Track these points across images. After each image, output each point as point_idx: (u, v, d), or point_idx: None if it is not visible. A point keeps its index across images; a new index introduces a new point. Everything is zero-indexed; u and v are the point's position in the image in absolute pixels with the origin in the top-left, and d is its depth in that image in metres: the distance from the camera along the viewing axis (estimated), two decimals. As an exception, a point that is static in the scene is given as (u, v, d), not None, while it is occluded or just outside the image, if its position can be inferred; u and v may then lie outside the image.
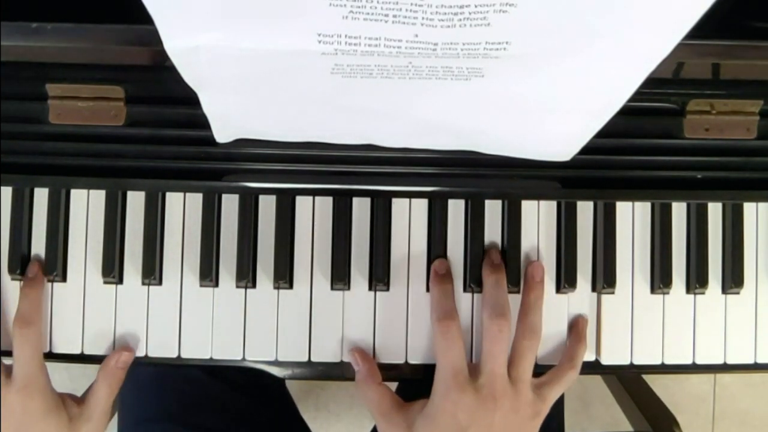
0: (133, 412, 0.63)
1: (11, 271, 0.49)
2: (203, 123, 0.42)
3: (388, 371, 0.49)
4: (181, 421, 0.60)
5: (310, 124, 0.44)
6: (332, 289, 0.50)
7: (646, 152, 0.49)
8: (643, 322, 0.51)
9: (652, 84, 0.33)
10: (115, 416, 0.65)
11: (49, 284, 0.50)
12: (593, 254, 0.51)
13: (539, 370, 0.49)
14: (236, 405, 0.62)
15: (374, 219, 0.50)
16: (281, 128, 0.45)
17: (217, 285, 0.50)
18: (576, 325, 0.50)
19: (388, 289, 0.50)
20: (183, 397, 0.61)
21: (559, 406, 0.68)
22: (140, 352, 0.50)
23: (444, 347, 0.46)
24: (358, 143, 0.46)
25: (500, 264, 0.49)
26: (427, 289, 0.50)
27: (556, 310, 0.50)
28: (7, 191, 0.50)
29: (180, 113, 0.47)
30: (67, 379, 1.11)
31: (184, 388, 0.61)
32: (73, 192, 0.50)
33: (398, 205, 0.51)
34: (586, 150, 0.43)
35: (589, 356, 0.50)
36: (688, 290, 0.51)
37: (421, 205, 0.51)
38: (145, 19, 0.30)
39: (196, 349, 0.50)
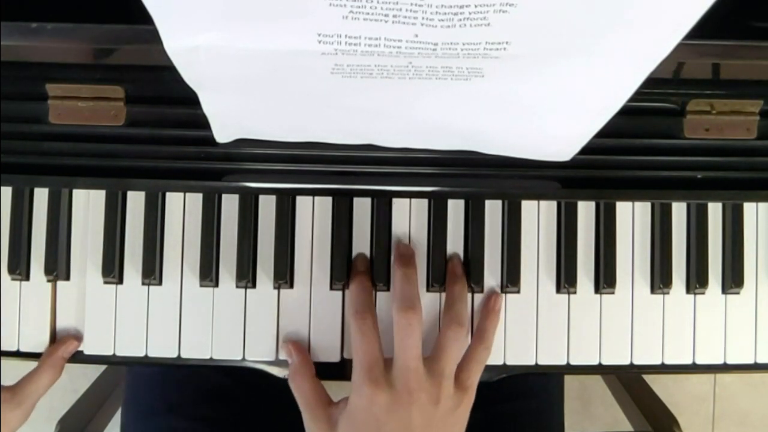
0: (136, 405, 0.63)
1: (11, 271, 0.49)
2: (203, 123, 0.42)
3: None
4: (185, 413, 0.60)
5: (310, 124, 0.44)
6: (332, 289, 0.50)
7: (646, 152, 0.49)
8: (643, 322, 0.51)
9: (652, 84, 0.33)
10: (116, 417, 0.65)
11: (50, 284, 0.50)
12: (593, 254, 0.51)
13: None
14: (240, 399, 0.62)
15: (374, 219, 0.50)
16: (281, 128, 0.45)
17: (217, 285, 0.50)
18: (488, 301, 0.50)
19: (388, 289, 0.50)
20: (186, 390, 0.61)
21: (559, 406, 0.68)
22: (140, 353, 0.50)
23: (359, 341, 0.45)
24: (358, 143, 0.46)
25: (409, 256, 0.49)
26: (427, 289, 0.50)
27: (556, 310, 0.50)
28: (7, 191, 0.50)
29: (180, 113, 0.47)
30: (67, 379, 1.11)
31: (187, 382, 0.61)
32: (73, 192, 0.50)
33: (398, 205, 0.51)
34: (586, 150, 0.43)
35: (590, 357, 0.50)
36: (688, 290, 0.51)
37: (421, 205, 0.51)
38: (145, 19, 0.30)
39: (196, 349, 0.50)
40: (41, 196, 0.50)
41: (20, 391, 0.48)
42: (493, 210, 0.51)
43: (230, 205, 0.50)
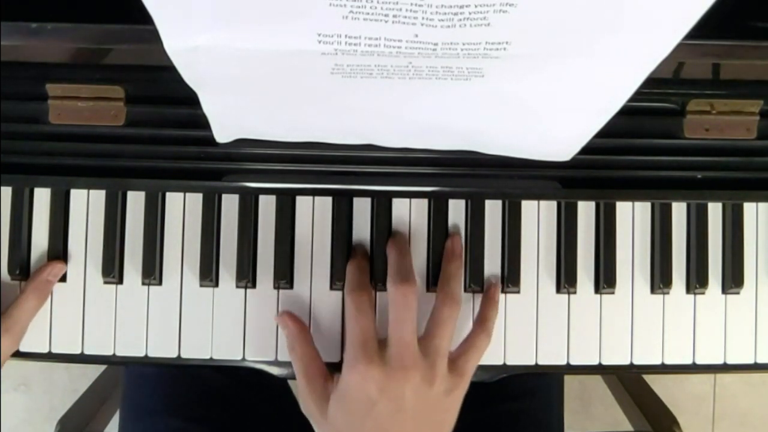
0: (135, 405, 0.63)
1: (11, 271, 0.49)
2: (203, 123, 0.42)
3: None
4: (183, 414, 0.60)
5: (310, 124, 0.44)
6: (332, 288, 0.50)
7: (646, 152, 0.49)
8: (643, 322, 0.51)
9: (652, 84, 0.33)
10: (115, 417, 0.65)
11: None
12: (593, 254, 0.51)
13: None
14: (239, 399, 0.62)
15: (374, 219, 0.50)
16: (281, 128, 0.45)
17: (217, 285, 0.50)
18: (487, 289, 0.50)
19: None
20: (185, 391, 0.61)
21: (559, 406, 0.68)
22: (140, 353, 0.50)
23: (354, 317, 0.45)
24: (358, 143, 0.46)
25: (402, 239, 0.49)
26: (427, 289, 0.50)
27: (556, 310, 0.50)
28: (7, 191, 0.50)
29: (180, 113, 0.47)
30: (67, 379, 1.11)
31: (186, 382, 0.61)
32: (73, 192, 0.50)
33: (398, 205, 0.51)
34: (586, 150, 0.43)
35: (590, 357, 0.50)
36: (688, 290, 0.51)
37: (421, 205, 0.51)
38: (145, 19, 0.30)
39: (196, 349, 0.50)
40: (41, 196, 0.50)
41: (7, 317, 0.47)
42: (493, 210, 0.51)
43: (230, 205, 0.50)
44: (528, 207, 0.51)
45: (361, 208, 0.51)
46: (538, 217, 0.51)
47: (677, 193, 0.50)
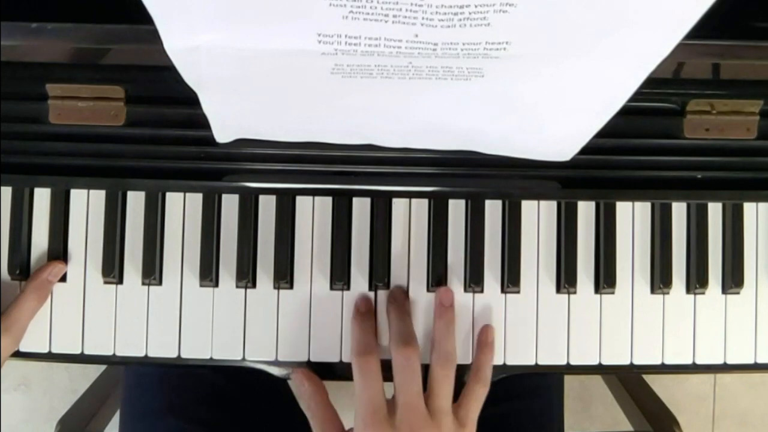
0: (135, 406, 0.63)
1: (11, 271, 0.49)
2: (203, 123, 0.42)
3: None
4: (183, 415, 0.60)
5: (310, 124, 0.44)
6: (332, 289, 0.50)
7: (646, 152, 0.49)
8: (643, 322, 0.51)
9: (652, 84, 0.33)
10: (116, 417, 0.65)
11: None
12: (593, 254, 0.51)
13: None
14: (238, 401, 0.62)
15: (374, 219, 0.50)
16: (281, 128, 0.45)
17: (217, 285, 0.50)
18: (481, 335, 0.50)
19: (388, 289, 0.50)
20: (185, 392, 0.61)
21: (559, 406, 0.68)
22: (140, 353, 0.50)
23: (362, 384, 0.45)
24: (359, 143, 0.46)
25: (403, 296, 0.49)
26: (427, 290, 0.50)
27: (556, 310, 0.50)
28: (7, 191, 0.50)
29: (180, 113, 0.47)
30: (67, 379, 1.12)
31: (186, 383, 0.61)
32: (73, 192, 0.50)
33: (398, 205, 0.51)
34: (586, 150, 0.43)
35: (590, 357, 0.50)
36: (688, 290, 0.51)
37: (421, 205, 0.51)
38: (145, 19, 0.30)
39: (196, 349, 0.50)
40: (41, 196, 0.50)
41: (7, 317, 0.47)
42: (493, 210, 0.51)
43: (230, 205, 0.50)
44: (528, 207, 0.51)
45: (361, 208, 0.51)
46: (538, 217, 0.51)
47: (677, 193, 0.50)
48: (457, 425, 0.46)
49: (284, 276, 0.49)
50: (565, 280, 0.50)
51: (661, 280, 0.50)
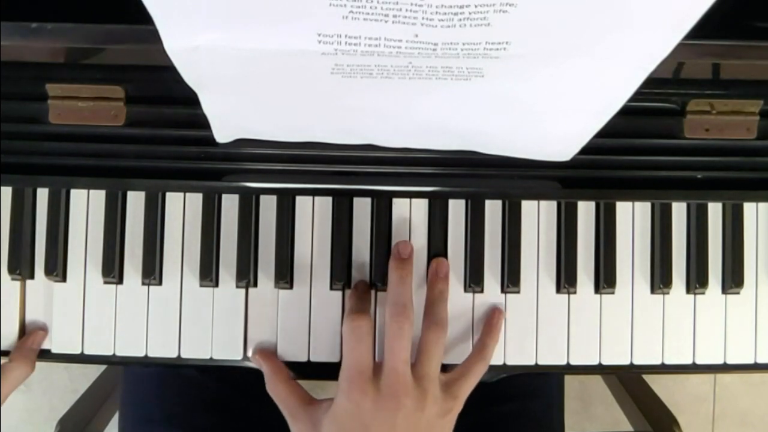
0: (134, 412, 0.63)
1: (11, 271, 0.49)
2: (203, 123, 0.42)
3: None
4: (182, 422, 0.60)
5: (310, 124, 0.44)
6: (331, 289, 0.50)
7: (646, 152, 0.49)
8: (643, 322, 0.51)
9: (652, 84, 0.33)
10: (115, 417, 0.65)
11: (50, 284, 0.50)
12: (593, 254, 0.51)
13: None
14: (237, 406, 0.62)
15: (374, 219, 0.50)
16: (281, 128, 0.45)
17: (217, 285, 0.50)
18: (490, 317, 0.50)
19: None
20: (184, 398, 0.61)
21: (559, 406, 0.68)
22: (140, 352, 0.50)
23: (351, 345, 0.45)
24: (359, 143, 0.46)
25: (408, 259, 0.49)
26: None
27: (556, 310, 0.50)
28: (7, 191, 0.50)
29: (180, 113, 0.47)
30: (67, 379, 1.12)
31: (184, 389, 0.61)
32: (73, 192, 0.50)
33: (398, 205, 0.51)
34: (586, 150, 0.43)
35: (590, 357, 0.50)
36: (688, 290, 0.51)
37: (421, 205, 0.51)
38: (145, 19, 0.30)
39: (196, 349, 0.50)
40: (41, 196, 0.50)
41: None
42: (493, 210, 0.51)
43: (230, 205, 0.50)
44: (528, 207, 0.51)
45: (361, 208, 0.51)
46: (538, 217, 0.51)
47: (677, 193, 0.50)
48: (445, 395, 0.45)
49: (284, 276, 0.49)
50: (565, 280, 0.50)
51: (661, 280, 0.50)
